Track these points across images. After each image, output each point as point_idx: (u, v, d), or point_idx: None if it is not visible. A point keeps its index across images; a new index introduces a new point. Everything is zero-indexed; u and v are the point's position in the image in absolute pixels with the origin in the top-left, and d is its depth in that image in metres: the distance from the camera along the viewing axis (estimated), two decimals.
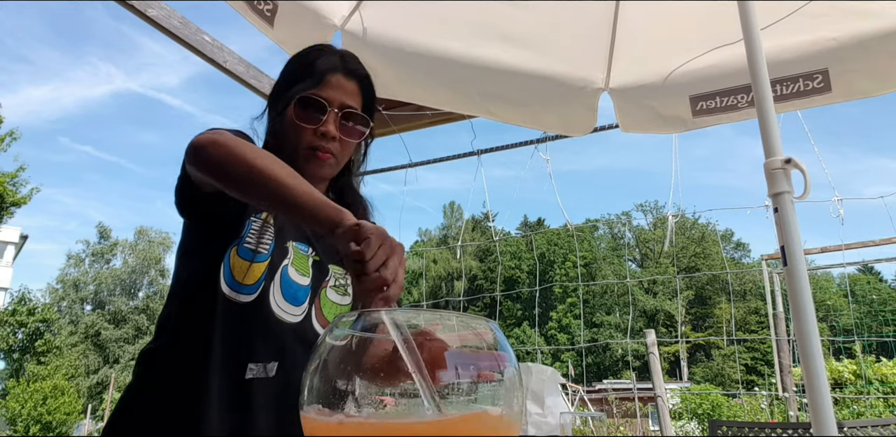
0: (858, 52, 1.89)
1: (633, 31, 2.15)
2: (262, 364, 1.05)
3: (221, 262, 1.06)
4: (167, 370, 1.06)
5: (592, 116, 2.28)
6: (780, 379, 6.17)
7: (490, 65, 2.19)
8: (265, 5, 1.74)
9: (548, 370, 2.56)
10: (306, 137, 1.15)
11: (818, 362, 1.03)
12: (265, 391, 1.04)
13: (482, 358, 0.66)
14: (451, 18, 2.15)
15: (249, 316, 1.05)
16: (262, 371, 1.05)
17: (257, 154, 0.90)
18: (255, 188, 0.89)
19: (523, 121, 2.36)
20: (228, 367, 1.03)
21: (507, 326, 36.93)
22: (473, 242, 27.54)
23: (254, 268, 1.07)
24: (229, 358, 1.03)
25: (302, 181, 0.87)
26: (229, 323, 1.04)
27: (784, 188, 1.13)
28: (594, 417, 2.54)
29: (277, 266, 1.10)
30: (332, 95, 1.16)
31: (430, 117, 2.75)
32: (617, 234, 45.39)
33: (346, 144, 1.18)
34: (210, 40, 2.30)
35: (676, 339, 32.60)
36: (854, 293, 26.90)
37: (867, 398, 8.14)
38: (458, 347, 0.67)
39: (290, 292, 1.11)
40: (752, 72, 1.22)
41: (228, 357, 1.03)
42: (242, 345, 1.04)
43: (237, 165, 0.89)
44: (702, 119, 2.13)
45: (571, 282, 32.41)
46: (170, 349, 1.07)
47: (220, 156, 0.91)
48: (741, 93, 2.05)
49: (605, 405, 12.68)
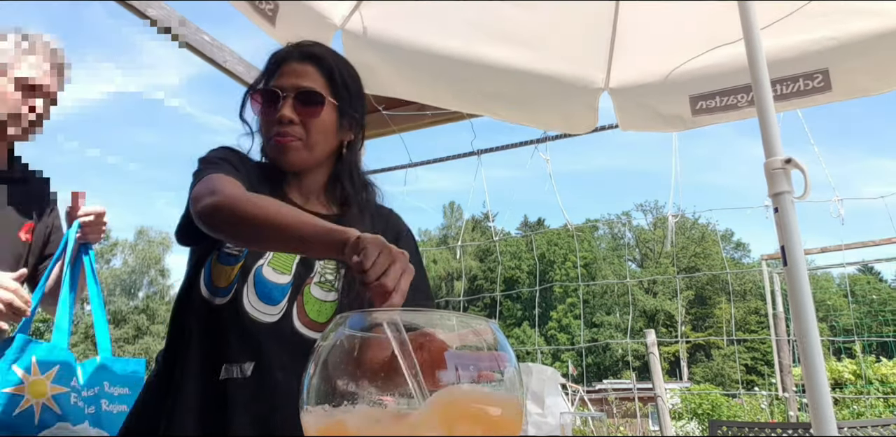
0: (859, 52, 1.89)
1: (634, 31, 2.15)
2: (238, 365, 1.06)
3: (203, 268, 1.12)
4: (158, 373, 1.14)
5: (593, 115, 2.28)
6: (780, 379, 6.17)
7: (490, 64, 2.19)
8: (266, 5, 1.74)
9: (548, 370, 2.56)
10: (268, 128, 1.18)
11: (818, 362, 1.03)
12: (241, 391, 1.05)
13: (482, 359, 0.66)
14: (451, 18, 2.15)
15: (223, 318, 1.08)
16: (238, 372, 1.06)
17: (258, 206, 0.93)
18: (267, 242, 0.97)
19: (524, 120, 2.36)
20: (204, 368, 1.07)
21: (507, 326, 36.92)
22: (473, 242, 27.53)
23: (227, 271, 1.11)
24: (205, 360, 1.07)
25: (304, 216, 0.91)
26: (204, 325, 1.09)
27: (784, 188, 1.13)
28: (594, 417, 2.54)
29: (251, 267, 1.11)
30: (283, 82, 1.17)
31: (430, 117, 2.75)
32: (617, 234, 45.44)
33: (311, 124, 1.17)
34: (210, 40, 2.30)
35: (676, 339, 32.59)
36: (854, 293, 26.91)
37: (867, 398, 8.14)
38: (459, 347, 0.67)
39: (265, 291, 1.11)
40: (752, 72, 1.22)
41: (204, 359, 1.07)
42: (216, 346, 1.08)
43: (245, 225, 0.93)
44: (701, 118, 2.13)
45: (571, 282, 32.40)
46: (164, 355, 1.14)
47: (227, 221, 0.95)
48: (741, 92, 2.05)
49: (605, 406, 12.69)
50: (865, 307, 15.79)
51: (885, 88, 1.93)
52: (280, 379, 1.07)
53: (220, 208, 0.95)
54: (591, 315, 38.29)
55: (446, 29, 2.17)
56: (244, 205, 0.94)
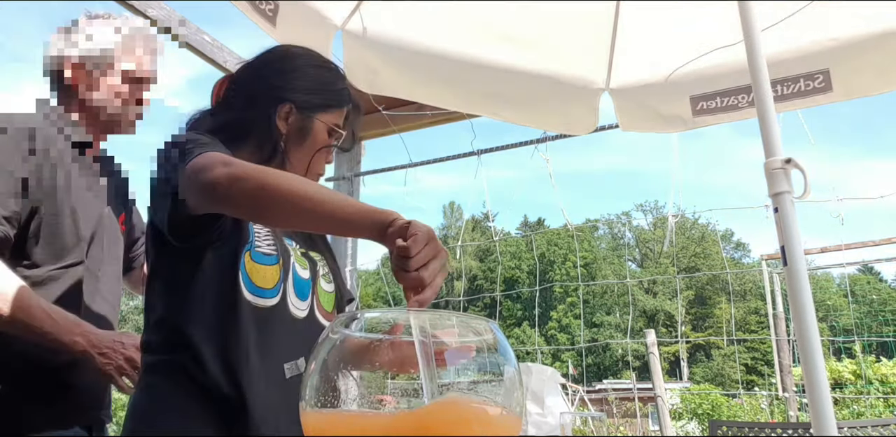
0: (859, 52, 1.90)
1: (634, 32, 2.15)
2: (294, 362, 1.07)
3: (238, 270, 1.04)
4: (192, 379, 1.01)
5: (594, 116, 2.28)
6: (780, 379, 6.17)
7: (490, 64, 2.19)
8: (266, 5, 1.74)
9: (548, 370, 2.57)
10: (320, 164, 1.21)
11: (818, 363, 1.03)
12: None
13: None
14: (451, 18, 2.15)
15: (274, 319, 1.07)
16: (296, 368, 1.07)
17: (289, 179, 0.87)
18: (296, 218, 0.87)
19: (524, 120, 2.36)
20: (269, 370, 1.04)
21: (507, 326, 36.92)
22: (473, 242, 27.53)
23: (269, 270, 1.08)
24: (264, 361, 1.04)
25: (338, 194, 0.88)
26: (256, 328, 1.04)
27: (784, 188, 1.13)
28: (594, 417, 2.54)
29: (289, 265, 1.12)
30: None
31: (430, 117, 2.75)
32: (617, 234, 45.43)
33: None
34: (210, 40, 2.30)
35: (676, 339, 32.57)
36: (854, 293, 26.91)
37: (867, 398, 8.14)
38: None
39: (301, 288, 1.13)
40: (752, 73, 1.22)
41: (262, 360, 1.04)
42: (272, 347, 1.05)
43: (272, 198, 0.85)
44: (702, 118, 2.13)
45: (571, 282, 32.38)
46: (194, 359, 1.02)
47: (249, 192, 0.86)
48: (742, 93, 2.05)
49: (605, 406, 12.68)
50: (865, 307, 15.80)
51: (885, 87, 1.93)
52: None
53: (241, 178, 0.87)
54: (591, 315, 38.27)
55: (447, 29, 2.17)
56: (274, 176, 0.86)
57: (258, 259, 1.07)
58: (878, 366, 9.30)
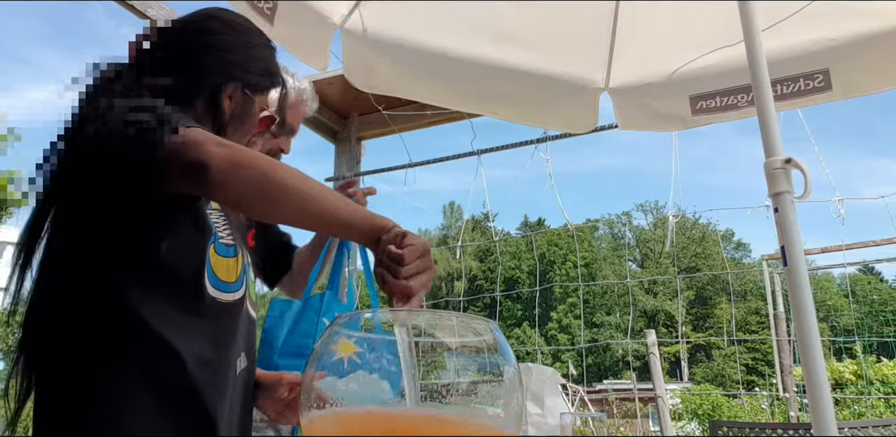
0: (859, 51, 1.90)
1: (634, 31, 2.15)
2: (241, 355, 1.02)
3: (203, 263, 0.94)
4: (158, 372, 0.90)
5: (593, 115, 2.28)
6: (780, 380, 6.17)
7: (490, 63, 2.19)
8: (265, 4, 1.74)
9: (548, 370, 2.56)
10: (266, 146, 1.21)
11: (819, 363, 1.03)
12: (246, 380, 1.04)
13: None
14: (451, 17, 2.14)
15: (232, 313, 1.00)
16: (243, 362, 1.03)
17: (293, 172, 0.83)
18: (294, 214, 0.83)
19: (524, 119, 2.36)
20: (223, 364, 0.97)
21: (507, 326, 36.90)
22: (473, 242, 27.55)
23: (230, 263, 0.99)
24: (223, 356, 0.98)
25: (335, 193, 0.85)
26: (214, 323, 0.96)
27: (784, 188, 1.13)
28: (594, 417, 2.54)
29: (244, 257, 1.05)
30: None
31: (431, 117, 2.75)
32: (617, 234, 45.41)
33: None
34: None
35: (677, 339, 32.56)
36: (855, 294, 26.90)
37: (868, 398, 8.14)
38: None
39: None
40: (752, 72, 1.22)
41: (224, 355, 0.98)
42: (226, 341, 0.98)
43: (278, 191, 0.81)
44: (701, 118, 2.13)
45: (571, 282, 32.38)
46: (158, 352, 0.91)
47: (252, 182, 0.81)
48: (741, 93, 2.05)
49: (605, 406, 12.68)
50: (866, 308, 15.79)
51: (884, 86, 1.93)
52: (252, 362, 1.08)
53: (243, 165, 0.81)
54: (591, 315, 38.26)
55: (446, 28, 2.17)
56: (277, 168, 0.82)
57: (221, 251, 0.98)
58: (879, 366, 9.30)
